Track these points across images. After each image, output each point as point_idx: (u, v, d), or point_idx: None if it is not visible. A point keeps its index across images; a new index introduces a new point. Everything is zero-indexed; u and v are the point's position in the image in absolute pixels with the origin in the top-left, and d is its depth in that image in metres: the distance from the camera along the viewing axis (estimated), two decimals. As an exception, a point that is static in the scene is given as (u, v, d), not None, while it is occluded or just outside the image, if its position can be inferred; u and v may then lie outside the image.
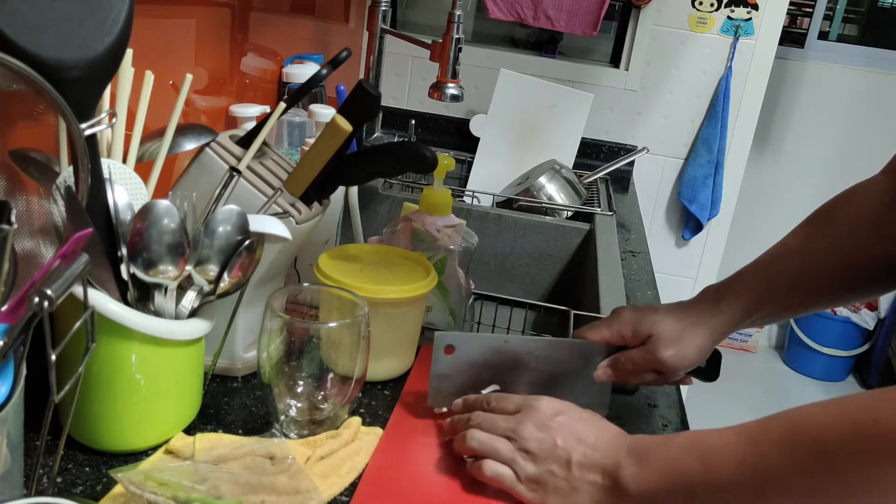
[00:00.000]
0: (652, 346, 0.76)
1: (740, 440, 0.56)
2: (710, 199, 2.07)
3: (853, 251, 0.75)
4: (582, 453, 0.64)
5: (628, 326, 0.78)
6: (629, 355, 0.78)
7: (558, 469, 0.64)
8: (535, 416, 0.67)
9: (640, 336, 0.77)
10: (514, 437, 0.66)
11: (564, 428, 0.65)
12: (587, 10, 1.86)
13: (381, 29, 1.50)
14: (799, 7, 3.24)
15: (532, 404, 0.68)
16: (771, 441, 0.54)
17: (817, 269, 0.76)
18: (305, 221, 0.77)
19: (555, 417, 0.66)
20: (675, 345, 0.75)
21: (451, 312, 1.01)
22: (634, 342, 0.77)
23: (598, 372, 0.79)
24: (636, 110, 2.07)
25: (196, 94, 1.15)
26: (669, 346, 0.75)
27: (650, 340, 0.76)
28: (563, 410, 0.67)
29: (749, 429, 0.57)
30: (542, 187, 1.56)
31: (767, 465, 0.54)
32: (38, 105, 0.57)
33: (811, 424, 0.53)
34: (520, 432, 0.66)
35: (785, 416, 0.56)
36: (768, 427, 0.56)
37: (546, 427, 0.66)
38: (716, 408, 2.96)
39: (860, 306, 3.21)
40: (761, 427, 0.56)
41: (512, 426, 0.67)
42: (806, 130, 3.25)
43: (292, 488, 0.60)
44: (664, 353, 0.75)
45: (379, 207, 1.52)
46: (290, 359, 0.69)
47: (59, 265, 0.49)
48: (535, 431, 0.66)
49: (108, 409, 0.64)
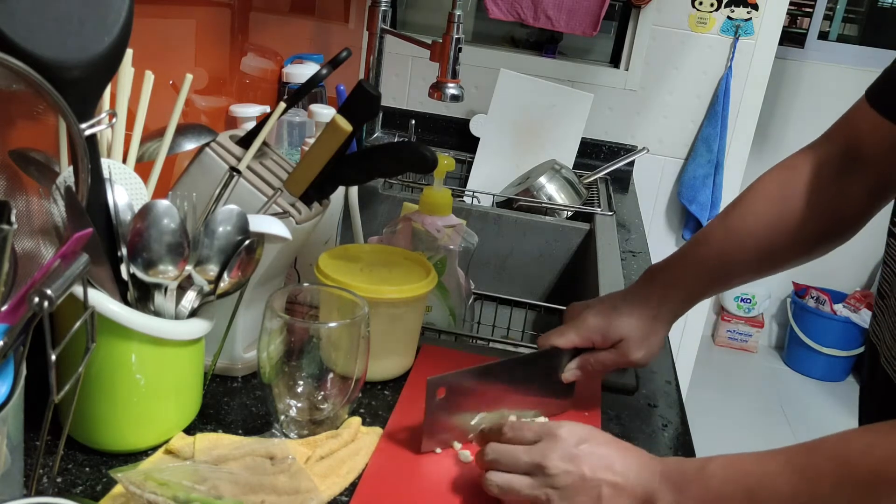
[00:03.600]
0: (623, 350, 0.79)
1: (786, 472, 0.54)
2: (710, 199, 2.07)
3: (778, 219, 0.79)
4: (612, 483, 0.60)
5: (597, 332, 0.80)
6: (599, 358, 0.80)
7: (589, 501, 0.60)
8: (559, 447, 0.62)
9: (611, 340, 0.79)
10: (538, 473, 0.62)
11: (591, 456, 0.61)
12: (587, 10, 1.86)
13: (381, 29, 1.50)
14: (799, 7, 3.24)
15: (553, 433, 0.64)
16: (822, 476, 0.53)
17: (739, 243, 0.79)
18: (305, 221, 0.77)
19: (580, 446, 0.62)
20: (644, 345, 0.79)
21: (451, 312, 1.01)
22: (604, 346, 0.80)
23: (568, 374, 0.80)
24: (636, 110, 2.07)
25: (196, 94, 1.15)
26: (640, 348, 0.79)
27: (620, 344, 0.79)
28: (587, 437, 0.63)
29: (795, 459, 0.55)
30: (542, 187, 1.56)
31: (821, 500, 0.53)
32: (38, 105, 0.57)
33: (865, 457, 0.52)
34: (545, 466, 0.61)
35: (833, 446, 0.54)
36: (816, 460, 0.54)
37: (572, 458, 0.61)
38: (716, 408, 2.96)
39: (860, 306, 3.21)
40: (809, 459, 0.54)
41: (536, 460, 0.62)
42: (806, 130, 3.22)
43: (292, 488, 0.60)
44: (636, 356, 0.79)
45: (379, 207, 1.52)
46: (290, 359, 0.69)
47: (59, 265, 0.49)
48: (561, 463, 0.61)
49: (108, 409, 0.64)
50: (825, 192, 0.78)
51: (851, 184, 0.77)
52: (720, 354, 3.45)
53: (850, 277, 3.39)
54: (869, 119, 0.75)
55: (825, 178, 0.78)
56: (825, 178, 0.78)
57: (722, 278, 0.81)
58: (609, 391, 0.86)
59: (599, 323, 0.80)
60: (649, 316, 0.80)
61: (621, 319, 0.79)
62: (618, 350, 0.79)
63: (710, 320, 3.54)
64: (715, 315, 3.52)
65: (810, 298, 3.33)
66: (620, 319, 0.79)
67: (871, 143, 0.75)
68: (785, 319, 3.45)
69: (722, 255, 0.80)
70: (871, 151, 0.76)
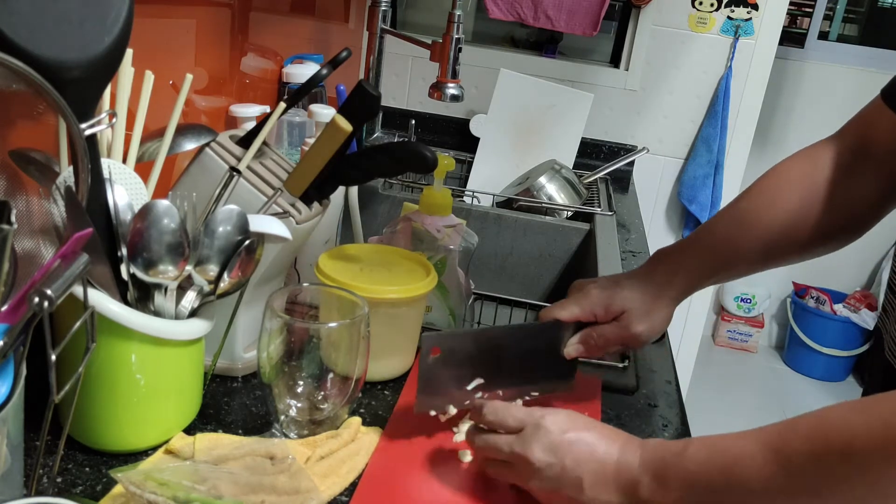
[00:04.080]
0: (625, 322, 0.79)
1: (763, 451, 0.54)
2: (710, 199, 2.07)
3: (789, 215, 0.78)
4: (594, 471, 0.61)
5: (599, 305, 0.79)
6: (601, 331, 0.79)
7: (571, 492, 0.61)
8: (542, 437, 0.63)
9: (613, 313, 0.79)
10: (519, 465, 0.63)
11: (573, 446, 0.62)
12: (587, 9, 1.86)
13: (381, 29, 1.50)
14: (799, 7, 3.23)
15: (537, 422, 0.64)
16: (797, 451, 0.53)
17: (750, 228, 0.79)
18: (305, 221, 0.77)
19: (562, 435, 0.63)
20: (646, 319, 0.79)
21: (451, 312, 1.01)
22: (606, 319, 0.80)
23: (570, 349, 0.80)
24: (636, 110, 2.07)
25: (196, 94, 1.15)
26: (642, 321, 0.79)
27: (623, 317, 0.79)
28: (568, 427, 0.63)
29: (769, 438, 0.55)
30: (542, 187, 1.56)
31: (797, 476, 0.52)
32: (38, 105, 0.57)
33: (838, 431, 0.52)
34: (527, 458, 0.62)
35: (806, 423, 0.54)
36: (790, 436, 0.54)
37: (554, 449, 0.62)
38: (716, 407, 2.96)
39: (860, 306, 3.21)
40: (783, 436, 0.54)
41: (518, 451, 0.63)
42: (806, 130, 3.25)
43: (292, 488, 0.60)
44: (638, 328, 0.79)
45: (379, 207, 1.52)
46: (290, 359, 0.69)
47: (59, 265, 0.49)
48: (544, 455, 0.62)
49: (108, 409, 0.64)
50: (837, 187, 0.78)
51: (863, 182, 0.77)
52: (720, 354, 3.45)
53: (850, 277, 3.39)
54: (884, 118, 0.75)
55: (837, 173, 0.78)
56: (837, 174, 0.78)
57: (727, 265, 0.81)
58: (609, 391, 0.86)
59: (601, 295, 0.79)
60: (652, 293, 0.79)
61: (623, 292, 0.79)
62: (620, 323, 0.79)
63: (710, 320, 3.54)
64: (715, 315, 3.52)
65: (810, 298, 3.33)
66: (623, 292, 0.79)
67: (885, 142, 0.75)
68: (785, 319, 3.45)
69: (731, 241, 0.80)
70: (884, 150, 0.75)
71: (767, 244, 0.79)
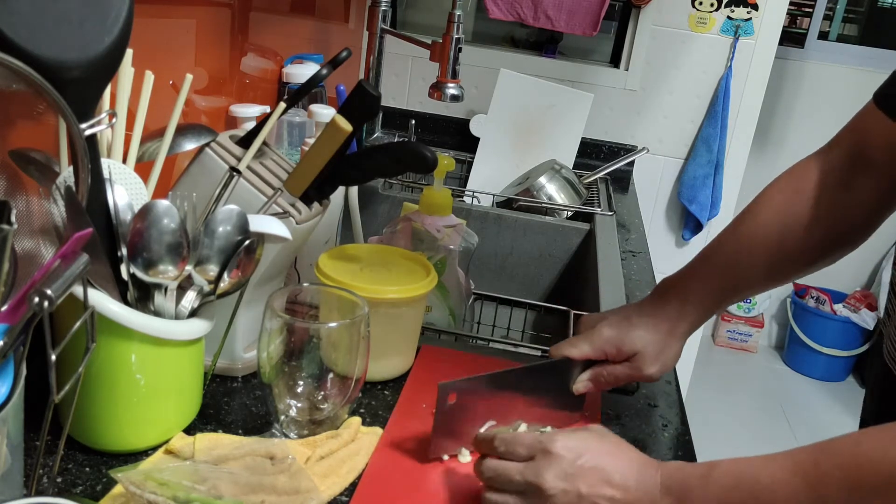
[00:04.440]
0: (638, 364, 0.78)
1: (794, 481, 0.53)
2: (710, 199, 2.07)
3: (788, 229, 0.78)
4: (611, 498, 0.59)
5: (611, 345, 0.78)
6: (613, 371, 0.79)
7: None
8: (554, 465, 0.60)
9: (625, 354, 0.78)
10: (534, 493, 0.60)
11: (588, 472, 0.60)
12: (587, 9, 1.86)
13: (381, 29, 1.50)
14: (799, 7, 3.24)
15: (548, 449, 0.61)
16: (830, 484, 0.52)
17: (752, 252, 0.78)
18: (305, 221, 0.77)
19: (575, 461, 0.60)
20: (658, 360, 0.78)
21: (451, 312, 1.01)
22: (618, 359, 0.78)
23: (579, 386, 0.79)
24: (636, 110, 2.07)
25: (196, 94, 1.15)
26: (654, 363, 0.78)
27: (635, 358, 0.78)
28: (582, 451, 0.61)
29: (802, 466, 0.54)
30: (542, 187, 1.56)
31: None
32: (38, 105, 0.57)
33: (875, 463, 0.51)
34: (541, 486, 0.60)
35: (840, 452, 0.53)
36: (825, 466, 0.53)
37: (568, 475, 0.59)
38: (716, 407, 2.96)
39: (860, 306, 3.21)
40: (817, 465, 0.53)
41: (531, 479, 0.60)
42: (806, 130, 3.25)
43: (292, 488, 0.60)
44: (650, 370, 0.78)
45: (379, 207, 1.52)
46: (290, 359, 0.69)
47: (59, 265, 0.49)
48: (558, 482, 0.59)
49: (108, 409, 0.64)
50: (834, 197, 0.77)
51: (861, 188, 0.76)
52: (720, 354, 3.45)
53: (850, 277, 3.39)
54: (877, 122, 0.74)
55: (834, 183, 0.77)
56: (834, 184, 0.77)
57: (734, 290, 0.80)
58: (609, 391, 0.86)
59: (614, 335, 0.78)
60: (665, 330, 0.78)
61: (636, 333, 0.78)
62: (631, 364, 0.78)
63: (711, 320, 3.54)
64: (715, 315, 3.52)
65: (810, 298, 3.33)
66: (635, 333, 0.78)
67: (880, 147, 0.74)
68: (785, 319, 3.45)
69: (733, 267, 0.79)
70: (879, 155, 0.74)
71: (771, 265, 0.78)
